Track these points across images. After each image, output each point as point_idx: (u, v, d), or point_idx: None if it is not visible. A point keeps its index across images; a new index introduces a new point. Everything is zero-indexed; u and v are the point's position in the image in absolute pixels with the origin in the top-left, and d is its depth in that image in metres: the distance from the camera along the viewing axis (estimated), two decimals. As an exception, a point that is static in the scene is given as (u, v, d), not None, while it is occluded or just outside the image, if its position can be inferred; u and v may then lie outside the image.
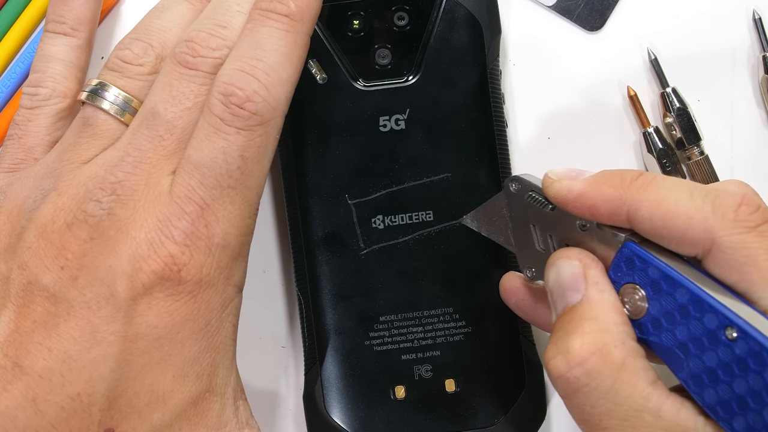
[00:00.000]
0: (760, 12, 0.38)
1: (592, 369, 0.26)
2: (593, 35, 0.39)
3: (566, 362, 0.26)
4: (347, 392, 0.34)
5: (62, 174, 0.30)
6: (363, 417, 0.34)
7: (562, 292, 0.28)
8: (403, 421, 0.34)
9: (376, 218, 0.35)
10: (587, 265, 0.28)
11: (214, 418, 0.29)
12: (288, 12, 0.30)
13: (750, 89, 0.38)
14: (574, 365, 0.26)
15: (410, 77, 0.35)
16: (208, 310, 0.29)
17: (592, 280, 0.28)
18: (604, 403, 0.26)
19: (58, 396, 0.28)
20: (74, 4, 0.34)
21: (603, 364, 0.26)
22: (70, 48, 0.34)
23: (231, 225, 0.29)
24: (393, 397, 0.34)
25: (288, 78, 0.29)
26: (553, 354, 0.27)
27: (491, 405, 0.34)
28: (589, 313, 0.27)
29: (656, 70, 0.38)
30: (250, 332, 0.37)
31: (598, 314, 0.27)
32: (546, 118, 0.38)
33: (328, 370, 0.34)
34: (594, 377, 0.26)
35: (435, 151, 0.35)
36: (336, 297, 0.35)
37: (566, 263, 0.28)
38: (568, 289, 0.28)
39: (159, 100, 0.30)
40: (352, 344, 0.35)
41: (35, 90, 0.33)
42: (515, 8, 0.39)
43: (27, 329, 0.28)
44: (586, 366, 0.26)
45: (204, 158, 0.28)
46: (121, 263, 0.28)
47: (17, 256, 0.29)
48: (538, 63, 0.39)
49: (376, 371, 0.34)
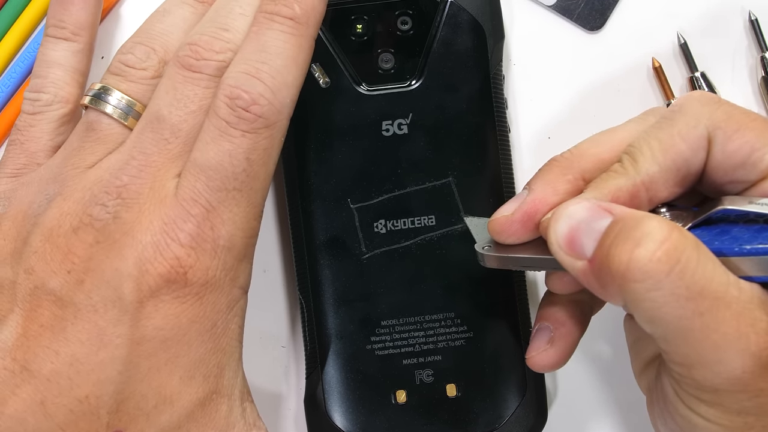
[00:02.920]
0: (757, 13, 0.38)
1: (678, 244, 0.24)
2: (593, 35, 0.39)
3: (654, 241, 0.24)
4: (349, 396, 0.34)
5: (67, 179, 0.30)
6: (364, 421, 0.34)
7: (585, 227, 0.27)
8: (404, 426, 0.34)
9: (379, 222, 0.35)
10: (596, 200, 0.27)
11: (221, 419, 0.29)
12: (293, 15, 0.30)
13: (749, 90, 0.38)
14: (662, 241, 0.24)
15: (413, 82, 0.36)
16: (214, 311, 0.29)
17: (613, 205, 0.27)
18: (698, 280, 0.24)
19: (66, 399, 0.28)
20: (74, 8, 0.34)
21: (684, 239, 0.25)
22: (71, 53, 0.34)
23: (236, 227, 0.29)
24: (394, 401, 0.34)
25: (293, 81, 0.30)
26: (633, 246, 0.25)
27: (492, 410, 0.34)
28: (638, 216, 0.26)
29: (685, 54, 0.38)
30: (250, 332, 0.37)
31: (647, 216, 0.26)
32: (546, 118, 0.38)
33: (330, 373, 0.34)
34: (682, 251, 0.24)
35: (438, 156, 0.35)
36: (338, 301, 0.35)
37: (573, 208, 0.27)
38: (592, 220, 0.26)
39: (163, 103, 0.30)
40: (353, 348, 0.35)
41: (37, 95, 0.33)
42: (516, 8, 0.39)
43: (34, 333, 0.28)
44: (672, 240, 0.24)
45: (210, 161, 0.28)
46: (127, 266, 0.28)
47: (23, 261, 0.29)
48: (538, 63, 0.39)
49: (377, 375, 0.35)
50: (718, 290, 0.25)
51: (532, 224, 0.29)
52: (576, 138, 0.38)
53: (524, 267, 0.30)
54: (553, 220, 0.28)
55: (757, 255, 0.25)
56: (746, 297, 0.25)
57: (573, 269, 0.27)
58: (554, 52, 0.39)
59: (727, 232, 0.26)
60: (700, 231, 0.27)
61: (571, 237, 0.27)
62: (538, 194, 0.29)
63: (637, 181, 0.28)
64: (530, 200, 0.29)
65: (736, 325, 0.25)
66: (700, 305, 0.24)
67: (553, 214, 0.28)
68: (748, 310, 0.25)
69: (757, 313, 0.25)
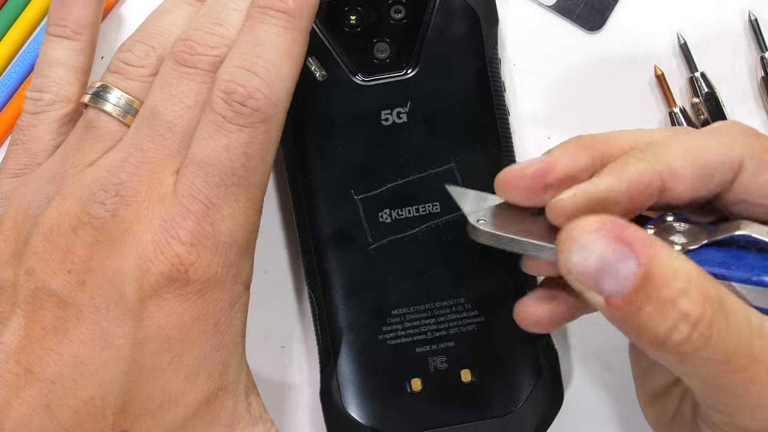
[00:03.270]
0: (757, 13, 0.38)
1: (711, 318, 0.24)
2: (593, 35, 0.39)
3: (689, 324, 0.24)
4: (363, 387, 0.34)
5: (66, 177, 0.30)
6: (381, 411, 0.34)
7: (605, 266, 0.24)
8: (420, 414, 0.34)
9: (383, 212, 0.35)
10: (613, 223, 0.25)
11: (227, 415, 0.29)
12: (286, 9, 0.30)
13: (750, 89, 0.38)
14: (697, 323, 0.24)
15: (409, 70, 0.35)
16: (216, 308, 0.29)
17: (634, 237, 0.24)
18: (729, 344, 0.24)
19: (71, 401, 0.28)
20: (76, 7, 0.34)
21: (713, 309, 0.24)
22: (72, 52, 0.34)
23: (236, 222, 0.29)
24: (409, 390, 0.34)
25: (288, 74, 0.29)
26: (668, 327, 0.24)
27: (508, 393, 0.34)
28: (667, 269, 0.24)
29: (685, 54, 0.38)
30: (255, 331, 0.37)
31: (673, 265, 0.24)
32: (545, 118, 0.38)
33: (343, 366, 0.34)
34: (714, 324, 0.24)
35: (439, 142, 0.35)
36: (347, 293, 0.35)
37: (592, 237, 0.25)
38: (615, 259, 0.24)
39: (158, 99, 0.30)
40: (365, 339, 0.34)
41: (39, 95, 0.33)
42: (515, 8, 0.39)
43: (37, 335, 0.28)
44: (706, 318, 0.24)
45: (207, 156, 0.28)
46: (128, 265, 0.28)
47: (24, 262, 0.29)
48: (538, 63, 0.39)
49: (391, 365, 0.34)
50: (747, 348, 0.24)
51: (541, 184, 0.27)
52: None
53: (520, 250, 0.28)
54: (565, 242, 0.25)
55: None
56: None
57: (586, 296, 0.26)
58: (554, 53, 0.39)
59: (741, 258, 0.26)
60: (714, 251, 0.26)
61: (587, 272, 0.25)
62: (556, 157, 0.28)
63: (656, 169, 0.27)
64: (547, 159, 0.28)
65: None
66: (734, 365, 0.24)
67: (566, 233, 0.26)
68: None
69: None
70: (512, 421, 0.34)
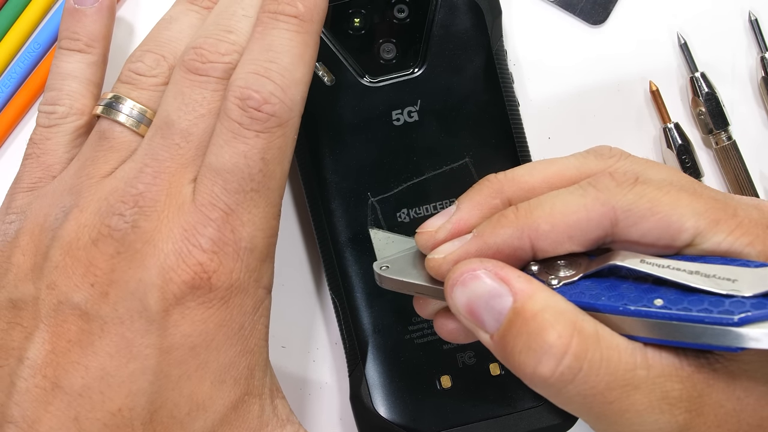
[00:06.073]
0: (757, 13, 0.38)
1: (579, 351, 0.24)
2: (596, 29, 0.39)
3: (554, 357, 0.24)
4: (393, 388, 0.34)
5: (82, 190, 0.30)
6: (412, 410, 0.34)
7: (485, 304, 0.26)
8: (452, 410, 0.34)
9: (401, 212, 0.35)
10: (493, 266, 0.26)
11: (254, 419, 0.29)
12: (297, 13, 0.30)
13: (750, 90, 0.38)
14: (562, 356, 0.24)
15: (417, 68, 0.36)
16: (240, 314, 0.29)
17: (511, 276, 0.25)
18: (602, 378, 0.24)
19: (99, 413, 0.28)
20: (87, 20, 0.34)
21: (584, 341, 0.24)
22: (85, 65, 0.34)
23: (257, 228, 0.29)
24: (439, 387, 0.34)
25: (302, 78, 0.30)
26: (535, 360, 0.24)
27: None
28: (537, 305, 0.25)
29: (685, 54, 0.38)
30: (278, 337, 0.37)
31: (545, 301, 0.25)
32: (546, 118, 0.38)
33: (372, 368, 0.34)
34: (583, 358, 0.24)
35: (451, 138, 0.35)
36: (370, 295, 0.35)
37: (472, 276, 0.26)
38: (492, 297, 0.25)
39: (172, 108, 0.30)
40: (392, 340, 0.35)
41: (52, 108, 0.33)
42: (518, 2, 0.39)
43: (63, 349, 0.28)
44: (572, 350, 0.24)
45: (225, 163, 0.28)
46: (150, 276, 0.28)
47: (45, 276, 0.29)
48: (541, 57, 0.39)
49: (419, 364, 0.35)
50: (625, 378, 0.24)
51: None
52: (576, 138, 0.38)
53: (422, 295, 0.29)
54: (450, 286, 0.26)
55: (638, 317, 0.24)
56: (656, 372, 0.24)
57: (478, 336, 0.27)
58: (556, 47, 0.39)
59: (615, 288, 0.25)
60: (591, 282, 0.26)
61: (470, 309, 0.26)
62: (464, 214, 0.28)
63: (524, 234, 0.27)
64: (455, 220, 0.28)
65: (648, 401, 0.24)
66: (608, 397, 0.24)
67: (450, 276, 0.26)
68: (658, 384, 0.24)
69: (669, 384, 0.24)
70: (544, 411, 0.34)
